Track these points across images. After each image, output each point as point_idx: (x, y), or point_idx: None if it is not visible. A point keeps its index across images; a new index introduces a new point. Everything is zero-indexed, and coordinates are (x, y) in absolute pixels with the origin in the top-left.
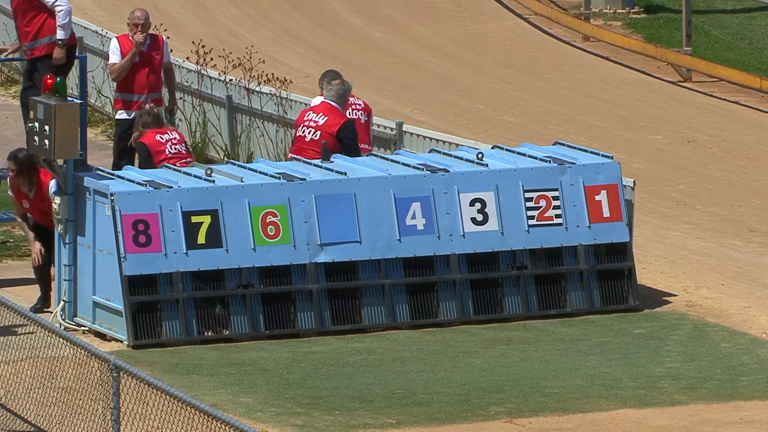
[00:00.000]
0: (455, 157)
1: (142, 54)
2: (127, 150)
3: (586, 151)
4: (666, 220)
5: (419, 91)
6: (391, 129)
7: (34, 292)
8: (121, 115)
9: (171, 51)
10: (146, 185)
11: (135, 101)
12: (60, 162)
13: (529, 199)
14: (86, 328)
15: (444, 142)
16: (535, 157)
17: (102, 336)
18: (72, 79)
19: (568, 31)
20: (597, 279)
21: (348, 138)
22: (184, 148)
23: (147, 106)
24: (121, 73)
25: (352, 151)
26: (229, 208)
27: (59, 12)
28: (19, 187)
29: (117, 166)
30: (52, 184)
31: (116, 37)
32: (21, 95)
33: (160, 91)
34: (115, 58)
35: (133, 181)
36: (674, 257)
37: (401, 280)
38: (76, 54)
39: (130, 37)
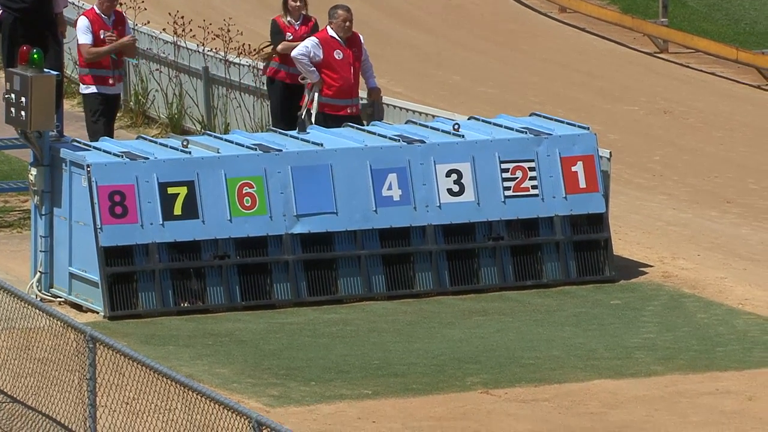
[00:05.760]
0: (431, 128)
1: (109, 30)
2: (103, 126)
3: (563, 122)
4: (642, 191)
5: (396, 63)
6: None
7: (11, 263)
8: (90, 89)
9: (148, 22)
10: (122, 156)
11: (106, 76)
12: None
13: (506, 170)
14: (62, 299)
15: (420, 113)
16: (512, 128)
17: (78, 307)
18: None
19: (545, 3)
20: (573, 250)
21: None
22: None
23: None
24: (97, 59)
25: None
26: (205, 179)
27: None
28: None
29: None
30: None
31: (83, 15)
32: None
33: (123, 67)
34: (87, 38)
35: (109, 153)
36: (650, 228)
37: (377, 251)
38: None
39: (96, 10)
